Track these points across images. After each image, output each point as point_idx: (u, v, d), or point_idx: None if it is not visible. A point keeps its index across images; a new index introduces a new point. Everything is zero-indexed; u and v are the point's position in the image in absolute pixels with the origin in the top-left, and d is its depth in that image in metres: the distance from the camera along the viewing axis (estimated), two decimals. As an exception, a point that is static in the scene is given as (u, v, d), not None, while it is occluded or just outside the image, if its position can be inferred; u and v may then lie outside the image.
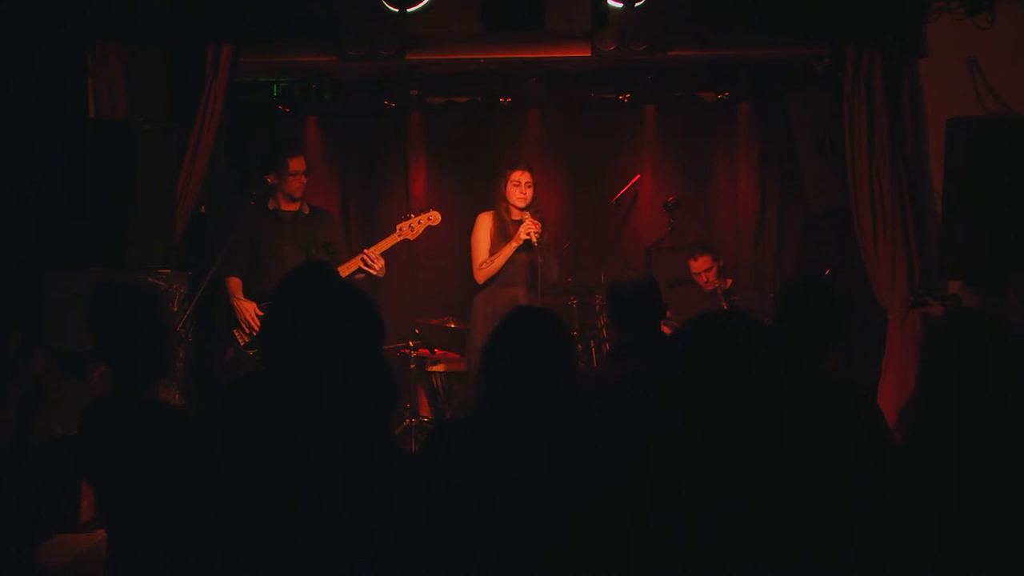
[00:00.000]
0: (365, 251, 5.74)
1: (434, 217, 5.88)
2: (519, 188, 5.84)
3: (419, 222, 5.86)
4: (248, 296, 5.76)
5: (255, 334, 5.62)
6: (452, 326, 6.67)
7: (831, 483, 2.15)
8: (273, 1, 5.55)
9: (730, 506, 1.97)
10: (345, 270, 5.71)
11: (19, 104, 4.81)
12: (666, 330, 4.83)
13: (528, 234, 5.75)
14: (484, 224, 5.95)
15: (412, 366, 6.40)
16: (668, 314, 5.95)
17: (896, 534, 2.27)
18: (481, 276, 5.91)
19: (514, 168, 5.92)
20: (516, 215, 5.88)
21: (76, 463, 3.36)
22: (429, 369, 6.59)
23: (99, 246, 4.87)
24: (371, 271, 5.68)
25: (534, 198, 5.91)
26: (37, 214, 4.83)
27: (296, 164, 5.81)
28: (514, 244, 5.80)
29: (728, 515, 1.97)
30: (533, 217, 5.83)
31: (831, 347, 2.94)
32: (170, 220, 5.25)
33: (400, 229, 5.86)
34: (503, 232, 5.86)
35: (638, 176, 7.23)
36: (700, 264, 6.24)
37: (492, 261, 5.85)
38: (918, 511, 2.33)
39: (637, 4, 5.22)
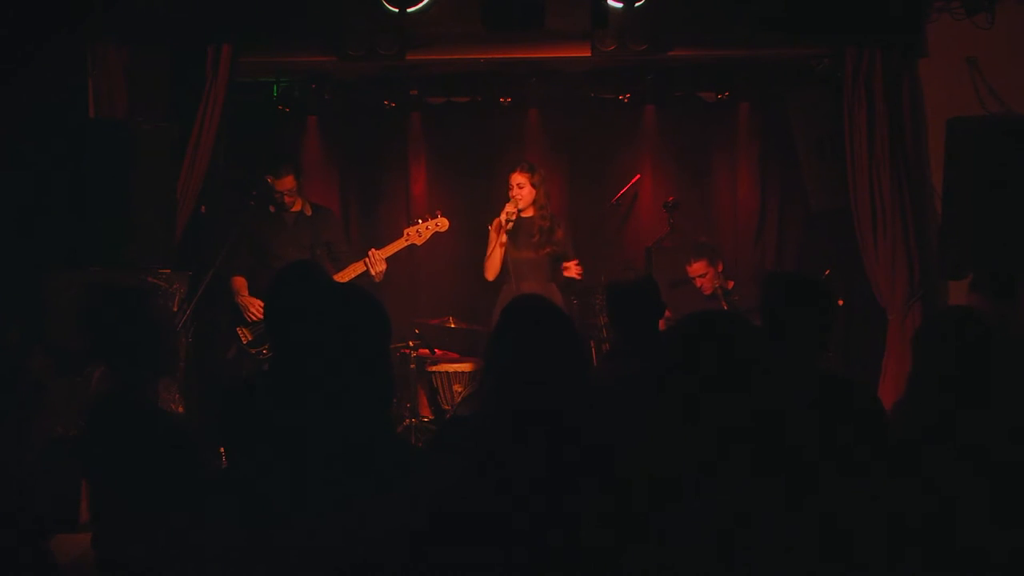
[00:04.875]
0: (371, 251, 5.75)
1: (442, 223, 5.92)
2: (512, 191, 5.93)
3: (427, 228, 5.88)
4: (253, 296, 5.77)
5: (261, 323, 5.64)
6: (452, 326, 6.67)
7: (830, 483, 2.15)
8: (273, 1, 5.55)
9: (728, 506, 1.97)
10: (352, 272, 5.71)
11: (19, 104, 4.81)
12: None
13: (504, 214, 5.87)
14: (493, 226, 6.06)
15: (412, 366, 6.40)
16: (668, 314, 5.99)
17: (893, 534, 2.27)
18: (486, 272, 6.04)
19: (511, 172, 6.01)
20: (523, 215, 5.96)
21: (77, 461, 3.36)
22: (429, 369, 6.59)
23: (99, 246, 4.87)
24: (371, 271, 5.69)
25: (537, 198, 5.97)
26: (37, 214, 4.83)
27: (280, 184, 5.80)
28: (499, 232, 5.88)
29: (727, 515, 1.97)
30: (540, 212, 5.94)
31: (825, 344, 2.93)
32: (170, 220, 5.25)
33: (408, 234, 5.88)
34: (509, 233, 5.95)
35: (638, 176, 7.23)
36: (696, 269, 6.23)
37: (488, 254, 5.94)
38: (914, 510, 2.34)
39: (637, 4, 5.22)
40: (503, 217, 5.91)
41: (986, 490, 2.39)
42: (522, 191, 5.95)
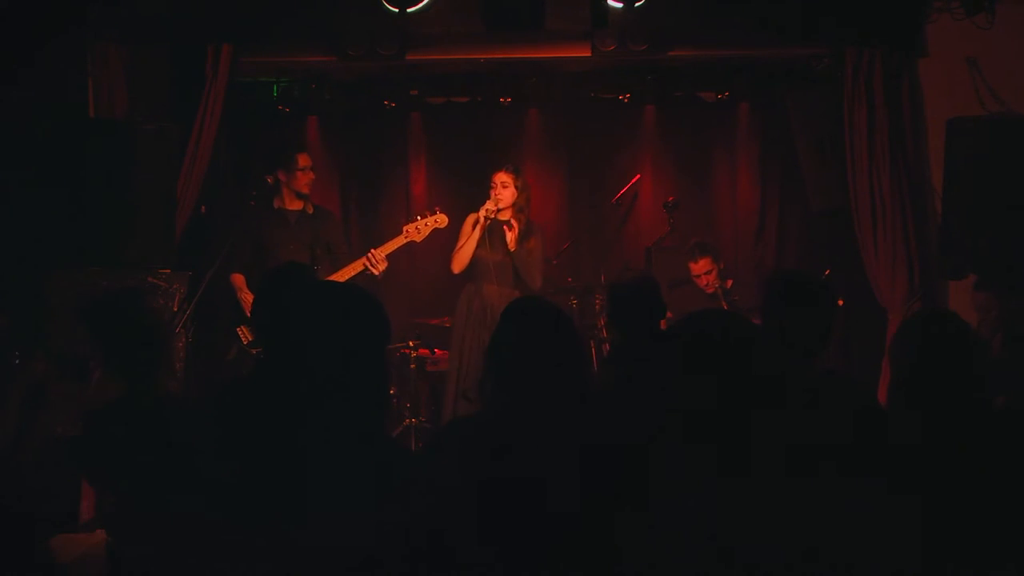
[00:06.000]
0: (371, 251, 5.74)
1: (441, 220, 5.89)
2: (494, 190, 5.86)
3: (426, 224, 5.87)
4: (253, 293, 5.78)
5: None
6: (451, 326, 6.66)
7: (830, 481, 2.15)
8: (273, 1, 5.55)
9: (727, 507, 1.97)
10: (351, 271, 5.71)
11: (19, 104, 4.80)
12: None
13: (484, 211, 5.81)
14: (468, 220, 5.96)
15: (412, 366, 6.40)
16: (669, 315, 5.99)
17: (892, 533, 2.27)
18: (453, 264, 5.97)
19: (495, 171, 5.96)
20: (500, 216, 5.92)
21: (81, 464, 3.36)
22: (429, 369, 6.59)
23: (99, 246, 4.87)
24: (373, 272, 5.69)
25: (516, 200, 5.87)
26: (37, 214, 4.82)
27: (304, 160, 5.83)
28: (478, 227, 5.84)
29: (727, 516, 1.97)
30: (518, 216, 5.86)
31: (825, 344, 2.93)
32: (170, 220, 5.25)
33: (407, 231, 5.86)
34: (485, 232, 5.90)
35: (638, 176, 7.24)
36: (701, 267, 6.22)
37: (459, 247, 5.89)
38: (913, 510, 2.34)
39: (637, 4, 5.21)
40: (482, 213, 5.85)
41: (979, 490, 2.38)
42: (505, 190, 5.85)
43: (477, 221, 5.86)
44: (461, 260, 5.90)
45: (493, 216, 5.82)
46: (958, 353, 2.52)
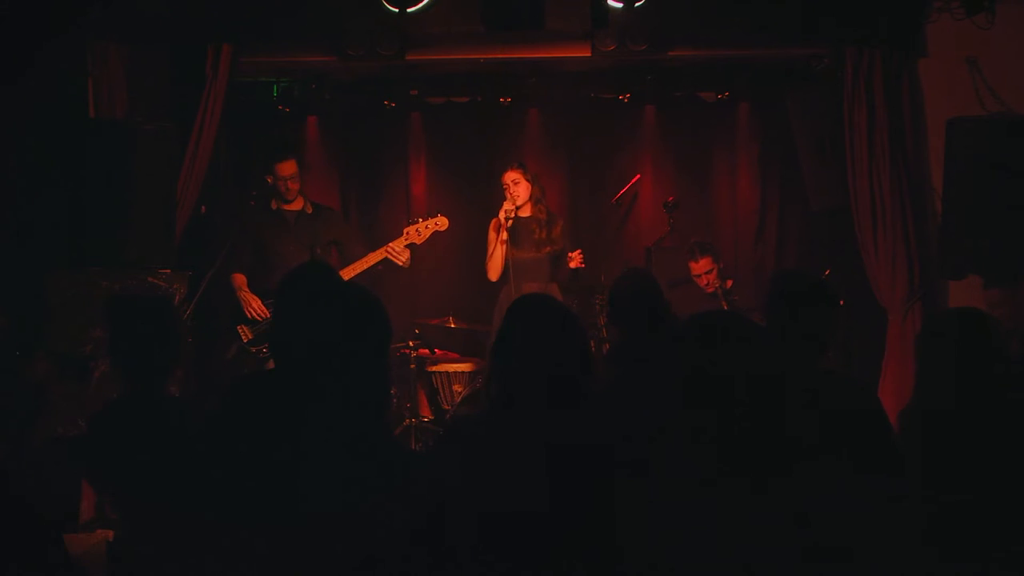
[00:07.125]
0: (390, 245, 5.81)
1: (442, 223, 5.95)
2: (508, 190, 5.96)
3: (426, 227, 5.92)
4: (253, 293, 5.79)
5: (261, 322, 5.67)
6: (452, 326, 6.67)
7: (830, 481, 2.16)
8: (273, 1, 5.55)
9: (727, 507, 1.97)
10: (365, 263, 5.76)
11: (19, 104, 4.80)
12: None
13: (503, 212, 5.93)
14: (491, 226, 6.13)
15: (412, 366, 6.40)
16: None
17: (895, 531, 2.27)
18: (488, 272, 6.10)
19: (503, 171, 6.06)
20: (520, 213, 5.99)
21: (87, 464, 3.36)
22: (429, 369, 6.59)
23: (99, 246, 4.88)
24: (397, 261, 5.76)
25: (532, 193, 6.03)
26: (37, 214, 4.83)
27: (284, 169, 5.82)
28: (500, 231, 5.95)
29: (728, 515, 1.97)
30: (536, 206, 6.00)
31: (826, 344, 2.93)
32: (170, 220, 5.25)
33: (407, 233, 5.91)
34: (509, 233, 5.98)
35: (638, 176, 7.24)
36: (701, 266, 6.22)
37: (490, 254, 5.97)
38: (915, 507, 2.34)
39: (637, 4, 5.21)
40: (502, 215, 5.93)
41: (988, 489, 2.39)
42: (518, 187, 5.99)
43: (500, 225, 5.93)
44: (495, 266, 6.02)
45: (513, 215, 5.92)
46: (991, 352, 2.53)
